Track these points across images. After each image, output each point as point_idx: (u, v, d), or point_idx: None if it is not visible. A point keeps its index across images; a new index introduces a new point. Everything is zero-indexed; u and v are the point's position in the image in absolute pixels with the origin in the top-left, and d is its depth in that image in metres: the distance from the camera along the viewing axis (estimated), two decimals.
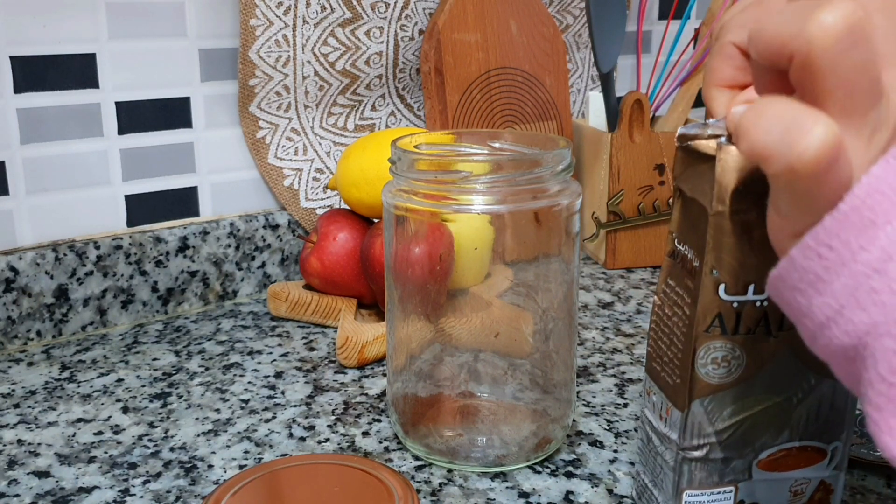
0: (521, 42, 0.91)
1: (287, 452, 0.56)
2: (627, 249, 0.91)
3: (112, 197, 0.76)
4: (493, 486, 0.52)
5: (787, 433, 0.43)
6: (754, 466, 0.43)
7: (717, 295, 0.39)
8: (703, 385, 0.41)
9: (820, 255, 0.31)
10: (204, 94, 0.79)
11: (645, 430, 0.46)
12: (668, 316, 0.43)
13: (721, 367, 0.41)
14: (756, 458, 0.43)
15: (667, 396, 0.43)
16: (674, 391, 0.42)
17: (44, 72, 0.71)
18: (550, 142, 0.55)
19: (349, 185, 0.74)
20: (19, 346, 0.72)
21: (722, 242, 0.38)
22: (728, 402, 0.41)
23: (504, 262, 0.53)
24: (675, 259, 0.42)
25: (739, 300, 0.39)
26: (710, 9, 0.90)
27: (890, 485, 0.51)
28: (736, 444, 0.42)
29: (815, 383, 0.42)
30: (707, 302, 0.40)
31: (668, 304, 0.43)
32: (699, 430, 0.42)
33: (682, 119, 0.93)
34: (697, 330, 0.40)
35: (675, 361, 0.42)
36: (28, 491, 0.52)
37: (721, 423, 0.42)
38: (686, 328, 0.41)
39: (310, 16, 0.79)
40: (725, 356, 0.40)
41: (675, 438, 0.42)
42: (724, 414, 0.41)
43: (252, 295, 0.83)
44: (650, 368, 0.45)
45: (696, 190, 0.40)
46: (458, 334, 0.56)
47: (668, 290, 0.43)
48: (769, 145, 0.30)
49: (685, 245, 0.41)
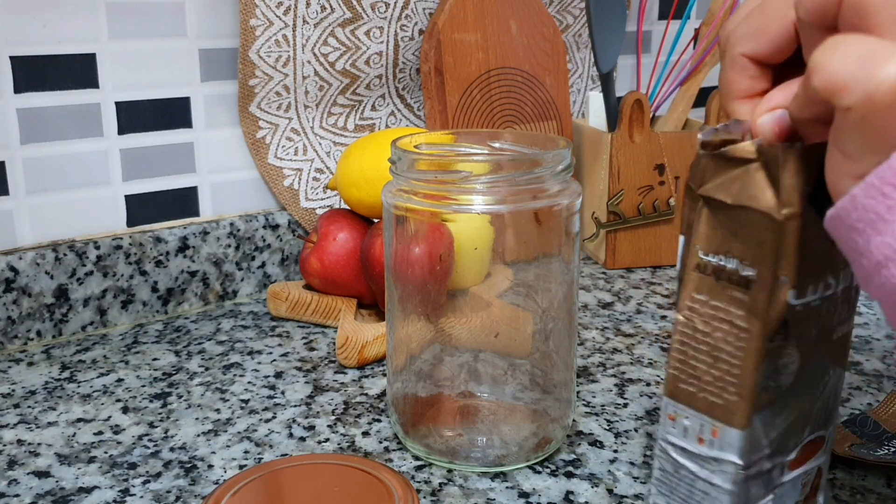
0: (521, 42, 0.91)
1: (287, 452, 0.56)
2: (627, 249, 0.91)
3: (112, 197, 0.76)
4: (493, 486, 0.52)
5: (809, 428, 0.42)
6: (787, 469, 0.42)
7: (787, 301, 0.38)
8: (764, 398, 0.39)
9: (884, 193, 0.31)
10: (204, 94, 0.79)
11: (671, 459, 0.43)
12: (703, 332, 0.41)
13: (782, 374, 0.40)
14: (787, 459, 0.42)
15: (713, 417, 0.41)
16: (726, 410, 0.40)
17: (44, 72, 0.71)
18: (550, 142, 0.55)
19: (349, 185, 0.74)
20: (19, 346, 0.72)
21: (789, 246, 0.37)
22: (778, 409, 0.40)
23: (504, 262, 0.53)
24: (704, 273, 0.40)
25: (803, 303, 0.38)
26: (710, 9, 0.90)
27: (890, 485, 0.51)
28: (779, 450, 0.41)
29: (832, 374, 0.42)
30: (775, 310, 0.38)
31: (703, 320, 0.41)
32: (757, 445, 0.40)
33: (683, 119, 0.93)
34: (764, 341, 0.38)
35: (727, 378, 0.40)
36: (28, 491, 0.52)
37: (773, 432, 0.40)
38: (743, 341, 0.39)
39: (310, 16, 0.79)
40: (785, 363, 0.39)
41: (734, 459, 0.40)
42: (777, 422, 0.40)
43: (252, 295, 0.83)
44: (676, 391, 0.42)
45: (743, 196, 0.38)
46: (458, 334, 0.56)
47: (698, 306, 0.41)
48: (846, 76, 0.30)
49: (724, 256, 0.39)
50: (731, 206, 0.38)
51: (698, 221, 0.40)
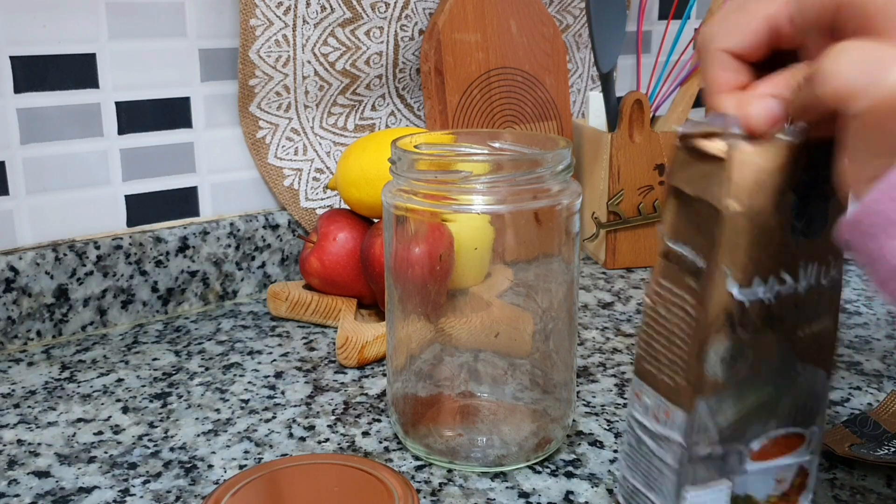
0: (521, 42, 0.91)
1: (287, 452, 0.56)
2: (627, 249, 0.91)
3: (112, 197, 0.76)
4: (493, 486, 0.52)
5: (774, 421, 0.43)
6: (747, 458, 0.43)
7: (729, 293, 0.39)
8: (709, 384, 0.41)
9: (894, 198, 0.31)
10: (204, 94, 0.79)
11: (635, 434, 0.45)
12: (663, 317, 0.43)
13: (728, 364, 0.41)
14: (748, 449, 0.43)
15: (666, 398, 0.43)
16: (675, 392, 0.42)
17: (44, 72, 0.71)
18: (550, 142, 0.55)
19: (349, 185, 0.74)
20: (19, 346, 0.72)
21: (735, 241, 0.38)
22: (730, 397, 0.41)
23: (504, 262, 0.53)
24: (668, 260, 0.42)
25: (749, 297, 0.40)
26: (710, 9, 0.90)
27: (890, 485, 0.51)
28: (733, 438, 0.42)
29: (801, 371, 0.43)
30: (718, 301, 0.39)
31: (664, 305, 0.42)
32: (703, 429, 0.42)
33: (683, 119, 0.93)
34: (707, 329, 0.40)
35: (678, 362, 0.42)
36: (28, 491, 0.52)
37: (723, 419, 0.42)
38: (691, 329, 0.41)
39: (310, 16, 0.79)
40: (733, 354, 0.40)
41: (679, 439, 0.42)
42: (727, 410, 0.42)
43: (252, 295, 0.83)
44: (641, 370, 0.44)
45: (702, 189, 0.40)
46: (458, 334, 0.56)
47: (661, 291, 0.43)
48: (854, 84, 0.30)
49: (683, 245, 0.41)
50: (693, 199, 0.40)
51: (668, 211, 0.42)
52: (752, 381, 0.42)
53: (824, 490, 0.51)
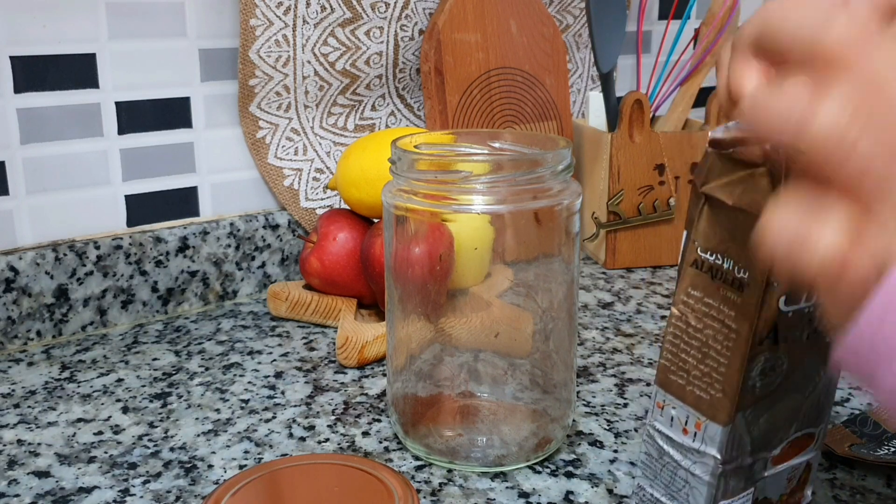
0: (521, 42, 0.91)
1: (287, 452, 0.56)
2: (627, 249, 0.91)
3: (112, 197, 0.76)
4: (493, 486, 0.52)
5: (795, 425, 0.42)
6: (769, 464, 0.43)
7: (778, 307, 0.38)
8: (749, 397, 0.40)
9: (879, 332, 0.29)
10: (204, 94, 0.79)
11: (656, 445, 0.44)
12: (695, 328, 0.41)
13: (769, 377, 0.40)
14: (770, 455, 0.42)
15: (697, 410, 0.41)
16: (710, 405, 0.41)
17: (44, 72, 0.71)
18: (550, 142, 0.55)
19: (349, 185, 0.74)
20: (19, 346, 0.72)
21: None
22: (765, 408, 0.41)
23: (504, 262, 0.53)
24: (700, 269, 0.40)
25: (794, 309, 0.39)
26: (710, 9, 0.90)
27: (890, 485, 0.51)
28: (762, 446, 0.42)
29: (823, 374, 0.42)
30: (765, 314, 0.38)
31: (695, 316, 0.41)
32: (740, 442, 0.41)
33: (683, 119, 0.93)
34: (752, 343, 0.39)
35: (714, 375, 0.40)
36: (28, 491, 0.52)
37: (756, 430, 0.41)
38: (731, 341, 0.39)
39: (310, 16, 0.79)
40: (773, 366, 0.40)
41: (714, 453, 0.41)
42: (760, 420, 0.41)
43: (252, 295, 0.83)
44: (666, 381, 0.43)
45: (740, 198, 0.38)
46: (458, 334, 0.56)
47: (692, 302, 0.41)
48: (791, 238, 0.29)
49: (720, 255, 0.39)
50: (732, 208, 0.38)
51: (699, 218, 0.40)
52: (785, 390, 0.41)
53: (824, 490, 0.51)
